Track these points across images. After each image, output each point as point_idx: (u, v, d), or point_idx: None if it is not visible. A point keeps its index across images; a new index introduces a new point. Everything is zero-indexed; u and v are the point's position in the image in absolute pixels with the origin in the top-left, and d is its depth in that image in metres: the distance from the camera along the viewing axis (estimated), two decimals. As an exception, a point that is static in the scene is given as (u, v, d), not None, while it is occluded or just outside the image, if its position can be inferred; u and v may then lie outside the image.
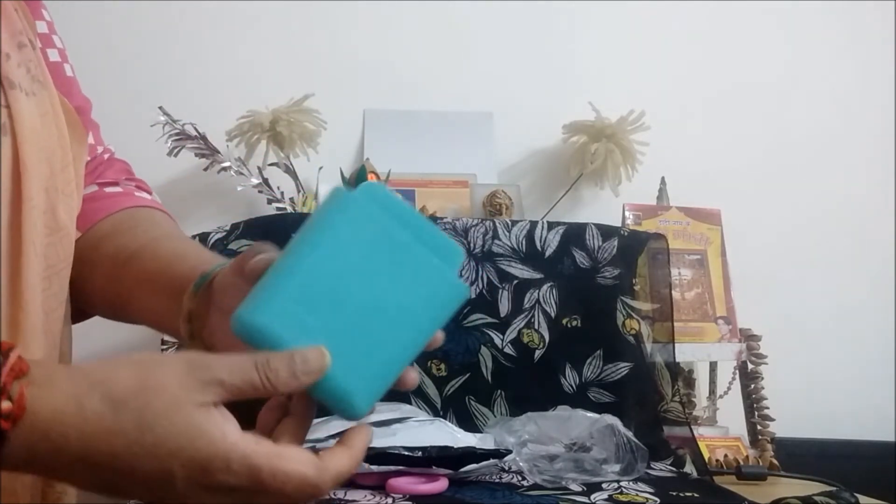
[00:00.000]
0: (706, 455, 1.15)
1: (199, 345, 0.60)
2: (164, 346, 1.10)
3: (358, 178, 1.30)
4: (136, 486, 0.47)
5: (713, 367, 1.35)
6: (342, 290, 0.49)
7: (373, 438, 0.52)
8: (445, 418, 1.11)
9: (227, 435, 0.47)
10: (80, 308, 0.70)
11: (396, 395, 1.09)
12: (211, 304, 0.59)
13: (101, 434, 0.45)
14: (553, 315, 1.17)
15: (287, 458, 0.47)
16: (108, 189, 0.75)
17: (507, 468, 1.01)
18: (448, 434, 0.97)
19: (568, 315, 1.17)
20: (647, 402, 1.17)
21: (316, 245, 0.49)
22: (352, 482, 0.90)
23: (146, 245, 0.67)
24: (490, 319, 1.16)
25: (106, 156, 0.78)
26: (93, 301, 0.70)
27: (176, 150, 1.32)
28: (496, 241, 1.18)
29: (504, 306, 1.16)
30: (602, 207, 1.48)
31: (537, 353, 1.16)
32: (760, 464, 1.17)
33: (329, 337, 0.48)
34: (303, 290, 0.48)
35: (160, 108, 1.32)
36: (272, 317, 0.48)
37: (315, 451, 0.49)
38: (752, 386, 1.28)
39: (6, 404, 0.43)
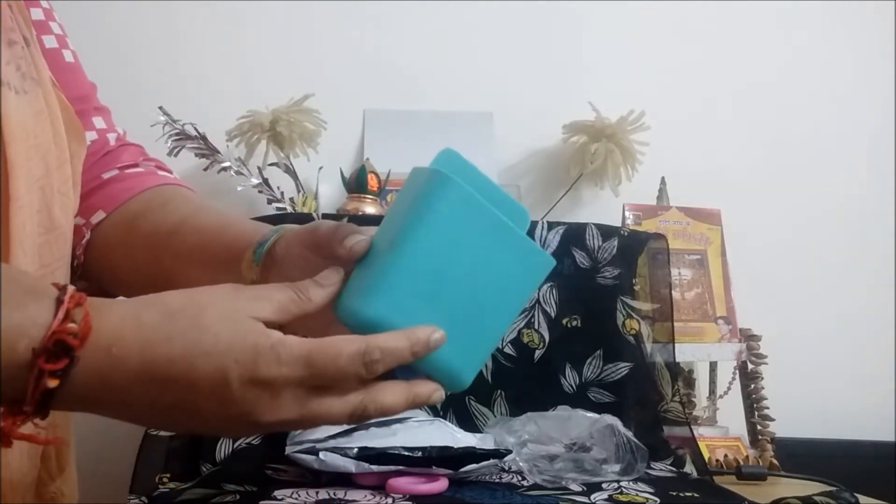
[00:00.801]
0: (706, 455, 1.15)
1: None
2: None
3: (358, 178, 1.30)
4: (194, 399, 0.47)
5: (713, 367, 1.35)
6: (446, 273, 0.51)
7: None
8: (445, 418, 1.11)
9: (271, 334, 0.48)
10: (107, 293, 0.70)
11: (396, 395, 1.09)
12: (269, 272, 0.59)
13: (160, 340, 0.46)
14: (553, 315, 1.17)
15: (333, 340, 0.49)
16: (130, 171, 0.75)
17: (507, 468, 1.00)
18: (448, 434, 0.97)
19: (568, 315, 1.17)
20: (647, 402, 1.17)
21: (420, 231, 0.51)
22: (352, 482, 0.90)
23: (185, 219, 0.68)
24: (490, 319, 1.15)
25: (113, 142, 0.78)
26: (130, 283, 0.70)
27: (176, 150, 1.32)
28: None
29: (504, 306, 1.16)
30: (602, 207, 1.48)
31: (537, 353, 1.16)
32: (760, 464, 1.17)
33: (437, 321, 0.51)
34: (413, 280, 0.51)
35: (160, 108, 1.32)
36: (387, 309, 0.51)
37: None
38: (752, 386, 1.28)
39: (73, 325, 0.45)
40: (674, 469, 1.10)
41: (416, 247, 0.51)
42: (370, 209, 1.30)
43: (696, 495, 0.93)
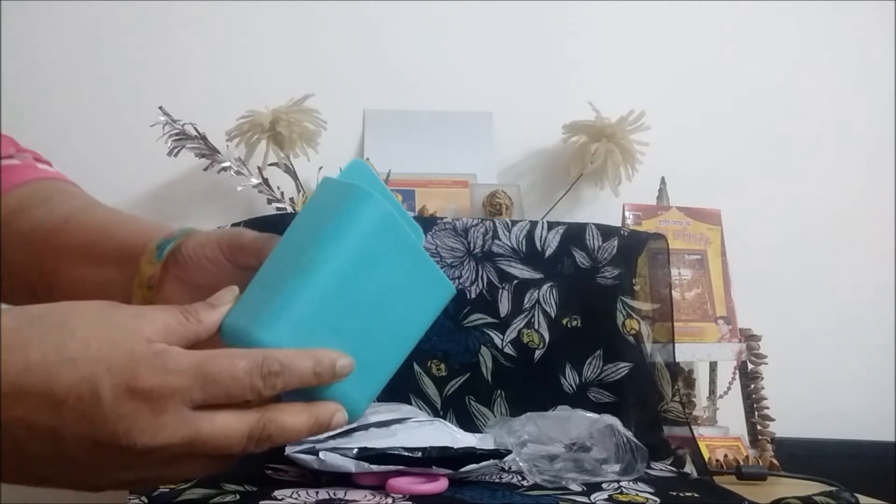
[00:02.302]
0: (706, 455, 1.15)
1: None
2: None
3: (358, 178, 1.30)
4: (55, 421, 0.40)
5: (713, 367, 1.35)
6: (354, 297, 0.47)
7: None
8: (445, 418, 1.11)
9: (155, 344, 0.42)
10: None
11: (396, 395, 1.10)
12: (168, 273, 0.55)
13: (15, 345, 0.40)
14: (553, 315, 1.17)
15: (228, 350, 0.44)
16: (4, 162, 0.68)
17: (507, 468, 1.00)
18: (448, 434, 0.97)
19: (568, 315, 1.17)
20: (647, 402, 1.17)
21: (334, 250, 0.46)
22: (352, 482, 0.90)
23: (72, 215, 0.62)
24: (490, 319, 1.16)
25: None
26: (10, 283, 0.64)
27: (176, 150, 1.32)
28: (496, 241, 1.18)
29: (504, 306, 1.16)
30: (602, 207, 1.48)
31: (537, 353, 1.16)
32: (760, 464, 1.17)
33: (340, 347, 0.47)
34: (319, 303, 0.46)
35: (160, 108, 1.32)
36: (284, 333, 0.46)
37: None
38: (752, 386, 1.28)
39: None
40: (674, 469, 1.10)
41: (328, 268, 0.46)
42: (370, 209, 1.30)
43: (696, 495, 0.93)
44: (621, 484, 0.96)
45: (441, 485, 0.90)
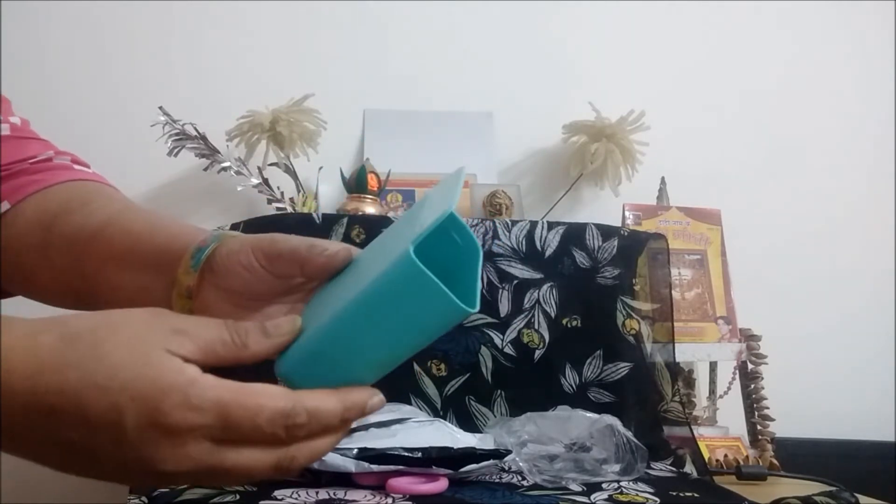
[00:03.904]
0: (706, 455, 1.15)
1: None
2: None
3: (358, 178, 1.30)
4: (89, 438, 0.42)
5: (713, 367, 1.35)
6: (367, 336, 0.47)
7: (378, 405, 0.48)
8: (445, 418, 1.11)
9: (185, 370, 0.42)
10: (3, 292, 0.66)
11: (396, 395, 1.09)
12: (204, 280, 0.55)
13: (52, 367, 0.41)
14: (553, 315, 1.17)
15: (257, 390, 0.43)
16: (41, 164, 0.69)
17: (507, 468, 1.01)
18: (448, 435, 0.97)
19: (568, 315, 1.17)
20: (647, 402, 1.17)
21: (365, 313, 0.46)
22: (352, 482, 0.90)
23: (110, 220, 0.62)
24: (490, 319, 1.16)
25: (6, 132, 0.70)
26: (47, 288, 0.65)
27: (176, 150, 1.32)
28: (496, 241, 1.18)
29: (504, 306, 1.16)
30: (602, 207, 1.48)
31: (537, 353, 1.16)
32: (760, 464, 1.17)
33: (337, 369, 0.47)
34: (327, 349, 0.47)
35: (160, 108, 1.32)
36: (287, 369, 0.47)
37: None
38: (752, 386, 1.28)
39: None
40: (674, 469, 1.10)
41: (355, 324, 0.46)
42: (370, 209, 1.30)
43: (696, 495, 0.93)
44: (621, 484, 0.96)
45: (441, 485, 0.90)
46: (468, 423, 1.11)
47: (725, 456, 1.18)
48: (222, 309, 0.54)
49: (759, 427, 1.26)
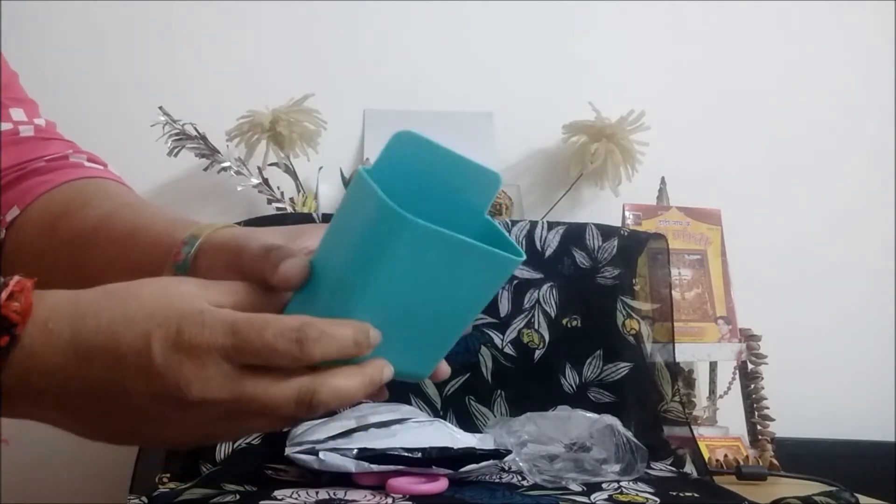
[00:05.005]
0: (706, 455, 1.15)
1: None
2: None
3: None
4: (121, 375, 0.44)
5: (713, 367, 1.35)
6: (402, 302, 0.47)
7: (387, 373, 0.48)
8: (445, 418, 1.11)
9: (205, 303, 0.46)
10: None
11: (396, 395, 1.09)
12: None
13: (91, 312, 0.45)
14: (553, 315, 1.17)
15: (266, 314, 0.45)
16: (55, 163, 0.70)
17: (507, 468, 1.01)
18: (448, 435, 0.97)
19: (568, 315, 1.17)
20: (647, 402, 1.17)
21: (375, 277, 0.46)
22: (352, 482, 0.90)
23: (101, 222, 0.63)
24: (490, 319, 1.16)
25: (30, 133, 0.71)
26: (58, 284, 0.67)
27: (176, 150, 1.32)
28: (496, 241, 1.18)
29: (504, 306, 1.16)
30: (602, 207, 1.48)
31: (537, 353, 1.16)
32: (760, 464, 1.17)
33: (391, 343, 0.48)
34: (364, 318, 0.47)
35: (160, 108, 1.33)
36: None
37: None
38: (752, 386, 1.28)
39: (16, 304, 0.44)
40: (674, 469, 1.10)
41: (368, 290, 0.46)
42: (370, 209, 1.30)
43: (696, 495, 0.93)
44: (621, 484, 0.96)
45: (441, 485, 0.90)
46: (468, 423, 1.11)
47: (725, 456, 1.19)
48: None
49: (759, 427, 1.26)
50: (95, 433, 0.47)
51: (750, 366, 1.29)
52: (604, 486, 0.95)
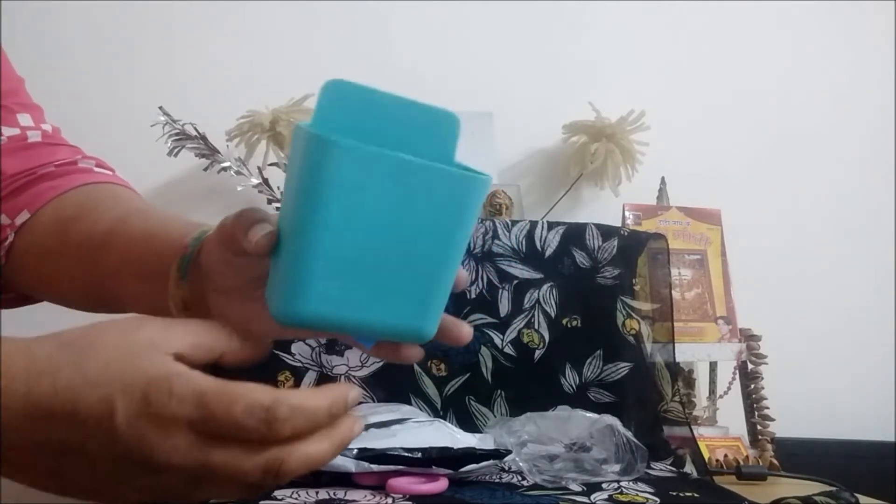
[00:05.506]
0: (706, 455, 1.15)
1: None
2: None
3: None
4: (81, 439, 0.42)
5: (713, 367, 1.35)
6: (366, 239, 0.45)
7: (358, 398, 0.46)
8: (445, 418, 1.11)
9: (173, 364, 0.43)
10: (29, 298, 0.67)
11: (396, 395, 1.09)
12: (206, 286, 0.55)
13: (47, 371, 0.42)
14: (553, 315, 1.17)
15: (237, 384, 0.42)
16: (64, 168, 0.71)
17: (507, 468, 1.00)
18: (448, 435, 0.97)
19: (568, 315, 1.17)
20: (647, 402, 1.17)
21: (318, 211, 0.44)
22: (352, 482, 0.90)
23: (112, 228, 0.63)
24: (490, 319, 1.16)
25: (38, 139, 0.71)
26: (65, 294, 0.66)
27: (176, 150, 1.32)
28: (496, 241, 1.18)
29: (504, 306, 1.16)
30: (602, 207, 1.48)
31: (537, 353, 1.16)
32: (760, 464, 1.17)
33: (373, 290, 0.46)
34: (330, 263, 0.45)
35: (160, 108, 1.32)
36: (315, 305, 0.45)
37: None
38: (752, 386, 1.28)
39: None
40: (674, 469, 1.10)
41: (321, 228, 0.45)
42: (370, 209, 1.30)
43: (696, 495, 0.93)
44: (621, 484, 0.96)
45: (441, 485, 0.90)
46: (468, 423, 1.11)
47: (725, 456, 1.19)
48: (234, 310, 0.53)
49: (759, 427, 1.26)
50: (50, 489, 0.45)
51: (750, 366, 1.29)
52: (604, 486, 0.95)
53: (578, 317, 1.18)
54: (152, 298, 0.58)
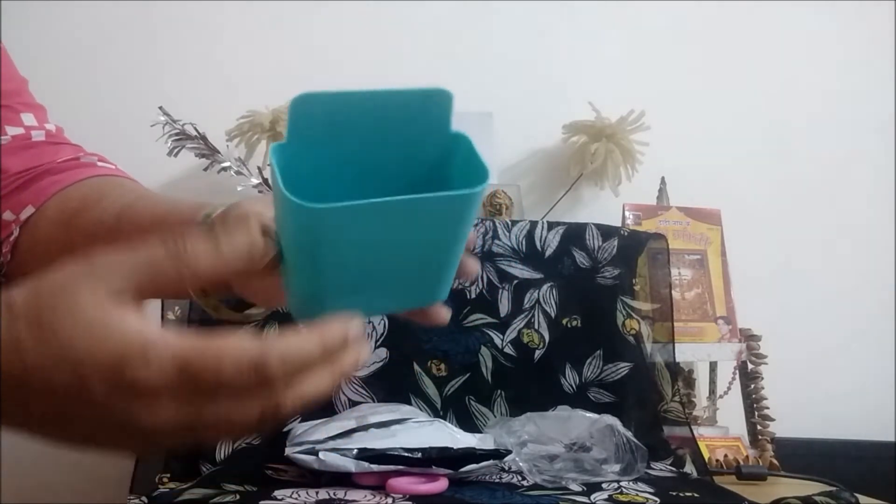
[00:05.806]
0: (706, 455, 1.15)
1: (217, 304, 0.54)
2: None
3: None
4: (55, 407, 0.40)
5: (713, 367, 1.35)
6: (370, 264, 0.45)
7: (356, 327, 0.44)
8: (445, 418, 1.11)
9: (143, 330, 0.40)
10: None
11: (396, 395, 1.09)
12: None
13: (12, 349, 0.40)
14: (553, 315, 1.17)
15: (219, 340, 0.40)
16: (66, 164, 0.71)
17: (507, 468, 1.01)
18: (448, 435, 0.97)
19: (568, 315, 1.17)
20: (647, 402, 1.17)
21: (319, 260, 0.44)
22: (352, 482, 0.90)
23: (122, 214, 0.62)
24: (490, 319, 1.16)
25: (41, 138, 0.71)
26: None
27: (176, 150, 1.32)
28: (496, 241, 1.18)
29: (504, 306, 1.16)
30: (602, 207, 1.48)
31: (537, 353, 1.16)
32: (760, 464, 1.17)
33: (385, 292, 0.48)
34: (339, 287, 0.45)
35: (160, 108, 1.32)
36: (331, 310, 0.44)
37: None
38: (752, 386, 1.28)
39: None
40: (674, 469, 1.10)
41: (320, 271, 0.45)
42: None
43: (696, 495, 0.93)
44: (621, 484, 0.96)
45: (441, 485, 0.90)
46: (468, 423, 1.11)
47: (725, 456, 1.19)
48: (252, 284, 0.52)
49: (759, 427, 1.26)
50: (49, 439, 0.43)
51: (750, 366, 1.29)
52: (604, 486, 0.95)
53: (578, 317, 1.18)
54: None
